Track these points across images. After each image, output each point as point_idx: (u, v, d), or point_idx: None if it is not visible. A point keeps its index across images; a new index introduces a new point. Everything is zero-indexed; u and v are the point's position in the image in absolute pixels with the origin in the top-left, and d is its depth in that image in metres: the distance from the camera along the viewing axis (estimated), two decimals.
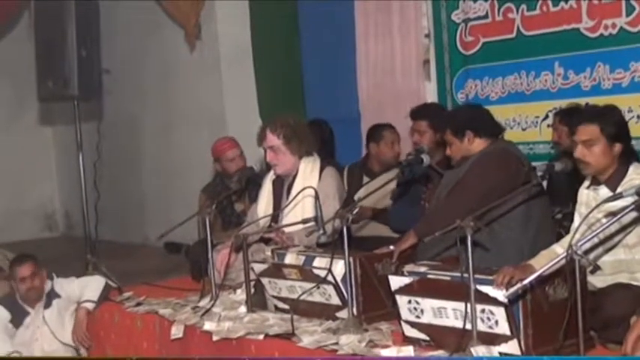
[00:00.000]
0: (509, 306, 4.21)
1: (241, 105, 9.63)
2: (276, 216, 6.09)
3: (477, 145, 5.40)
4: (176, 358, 5.62)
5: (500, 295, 4.20)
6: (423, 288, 4.58)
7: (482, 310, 4.31)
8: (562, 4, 7.00)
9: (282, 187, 6.15)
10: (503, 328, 4.27)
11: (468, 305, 4.28)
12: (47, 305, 6.32)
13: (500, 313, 4.25)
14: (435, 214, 5.29)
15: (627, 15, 6.63)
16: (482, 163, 5.30)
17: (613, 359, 4.29)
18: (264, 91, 9.53)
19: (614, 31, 6.73)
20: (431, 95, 8.04)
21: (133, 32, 10.91)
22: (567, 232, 4.87)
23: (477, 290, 4.27)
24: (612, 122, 4.54)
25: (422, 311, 4.60)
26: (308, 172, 6.01)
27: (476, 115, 5.57)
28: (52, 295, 6.35)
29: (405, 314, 4.69)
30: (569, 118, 5.86)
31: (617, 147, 4.53)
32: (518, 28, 7.31)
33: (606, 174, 4.55)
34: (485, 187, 5.13)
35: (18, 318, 6.29)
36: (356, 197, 6.14)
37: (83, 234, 8.59)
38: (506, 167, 5.25)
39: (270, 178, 6.26)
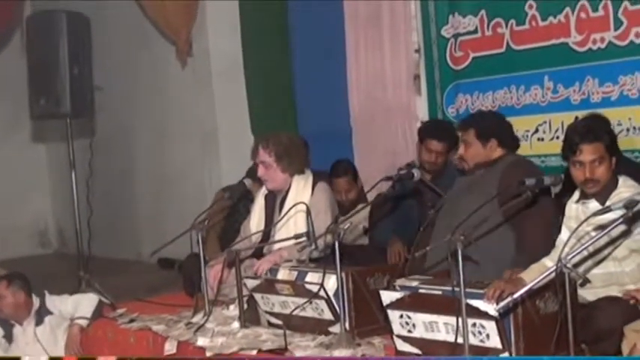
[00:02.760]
0: (500, 320, 4.23)
1: (233, 120, 9.65)
2: (268, 231, 6.09)
3: (496, 153, 5.44)
4: (176, 359, 5.61)
5: (491, 309, 4.22)
6: (414, 302, 4.60)
7: (474, 324, 4.33)
8: (551, 18, 7.03)
9: (275, 203, 6.15)
10: (495, 341, 4.29)
11: (460, 319, 4.30)
12: (39, 322, 6.32)
13: (491, 326, 4.28)
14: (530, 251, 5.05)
15: (615, 29, 6.66)
16: (520, 174, 5.09)
17: (612, 359, 4.30)
18: (255, 105, 9.55)
19: (603, 45, 6.75)
20: (421, 110, 8.06)
21: (124, 49, 10.94)
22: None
23: (467, 304, 4.29)
24: (611, 136, 4.58)
25: (414, 325, 4.62)
26: (301, 188, 6.02)
27: (503, 124, 5.61)
28: (43, 312, 6.34)
29: (397, 329, 4.71)
30: None
31: (614, 160, 4.57)
32: (507, 42, 7.34)
33: None
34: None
35: (8, 334, 6.31)
36: None
37: (76, 250, 8.61)
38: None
39: (262, 193, 6.26)
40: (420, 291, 4.62)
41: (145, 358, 5.82)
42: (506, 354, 4.27)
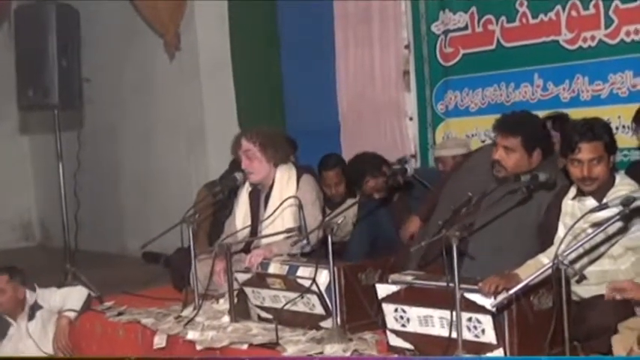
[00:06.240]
0: (497, 314, 4.23)
1: (220, 115, 9.63)
2: (255, 228, 6.06)
3: (537, 162, 5.16)
4: (175, 358, 5.59)
5: (488, 303, 4.21)
6: (409, 296, 4.59)
7: (469, 319, 4.32)
8: (541, 16, 7.06)
9: (259, 199, 6.09)
10: (490, 336, 4.28)
11: (454, 313, 4.29)
12: (31, 317, 6.24)
13: (487, 321, 4.27)
14: None
15: (606, 27, 6.70)
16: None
17: (613, 359, 4.31)
18: (243, 101, 9.54)
19: (593, 44, 6.79)
20: (410, 106, 8.07)
21: (113, 41, 10.90)
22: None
23: (464, 298, 4.28)
24: (610, 136, 4.57)
25: (408, 320, 4.61)
26: (285, 181, 5.96)
27: (546, 130, 5.43)
28: (36, 307, 6.27)
29: (390, 323, 4.70)
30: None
31: (612, 158, 4.58)
32: (497, 39, 7.37)
33: None
34: None
35: (1, 329, 6.21)
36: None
37: (60, 243, 8.55)
38: None
39: (245, 189, 6.18)
40: (416, 285, 4.61)
41: (147, 358, 5.80)
42: (500, 350, 4.27)
